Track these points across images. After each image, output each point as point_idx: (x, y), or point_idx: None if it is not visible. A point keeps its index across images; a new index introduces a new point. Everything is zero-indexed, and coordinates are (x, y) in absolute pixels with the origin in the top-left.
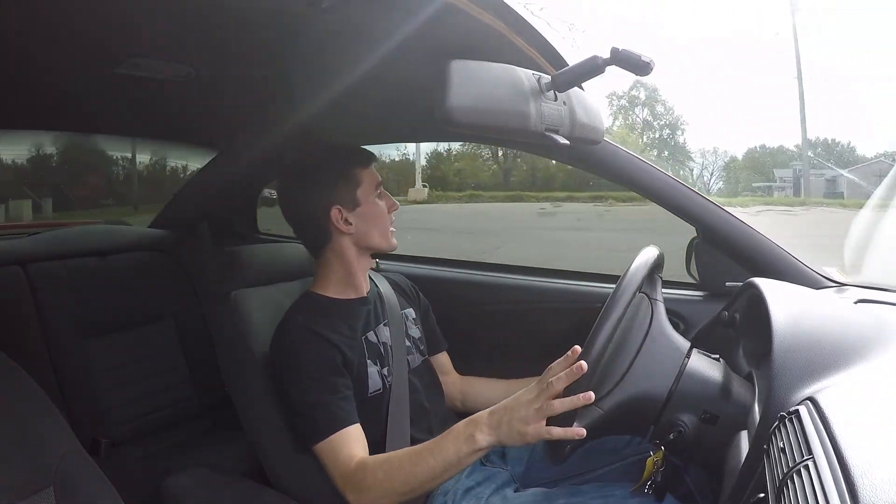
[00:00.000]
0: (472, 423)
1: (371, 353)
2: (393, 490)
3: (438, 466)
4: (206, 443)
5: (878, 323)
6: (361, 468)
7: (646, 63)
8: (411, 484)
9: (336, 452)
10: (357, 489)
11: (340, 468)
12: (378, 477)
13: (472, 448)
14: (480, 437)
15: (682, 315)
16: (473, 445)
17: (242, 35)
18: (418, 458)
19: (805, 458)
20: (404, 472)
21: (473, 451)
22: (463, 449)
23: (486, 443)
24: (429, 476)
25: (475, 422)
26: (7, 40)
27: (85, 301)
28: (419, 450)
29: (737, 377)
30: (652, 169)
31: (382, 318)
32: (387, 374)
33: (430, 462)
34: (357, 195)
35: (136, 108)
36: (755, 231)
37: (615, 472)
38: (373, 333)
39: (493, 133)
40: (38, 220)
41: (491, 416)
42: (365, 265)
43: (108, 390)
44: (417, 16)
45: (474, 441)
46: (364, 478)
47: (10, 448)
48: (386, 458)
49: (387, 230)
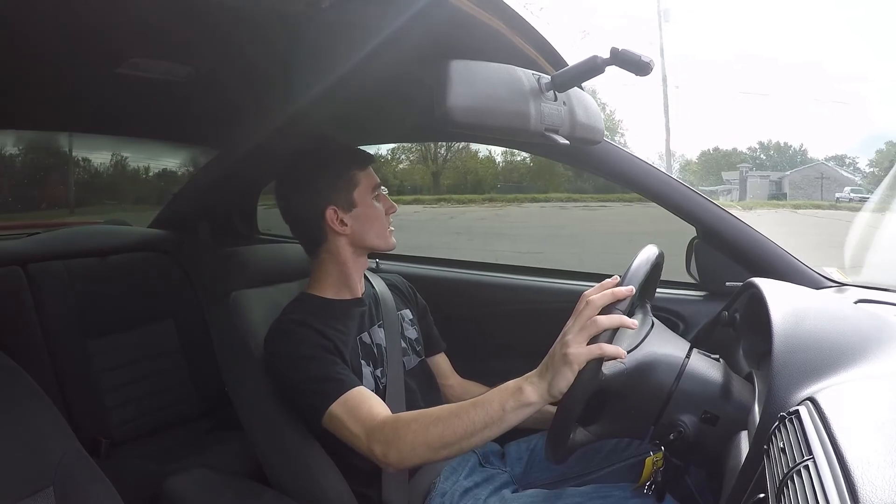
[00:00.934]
0: (522, 379)
1: (365, 355)
2: (427, 444)
3: (479, 421)
4: (206, 443)
5: (878, 323)
6: (393, 421)
7: (646, 63)
8: (447, 438)
9: (355, 410)
10: (386, 441)
11: (364, 423)
12: (412, 428)
13: (518, 402)
14: (529, 389)
15: (682, 315)
16: (521, 398)
17: (242, 35)
18: (460, 410)
19: (805, 459)
20: (442, 424)
21: (520, 405)
22: (509, 403)
23: (536, 395)
24: (467, 431)
25: (525, 377)
26: (8, 40)
27: (85, 301)
28: (462, 404)
29: (737, 377)
30: (652, 169)
31: (377, 319)
32: (380, 376)
33: (471, 415)
34: (353, 196)
35: (136, 108)
36: (755, 231)
37: (615, 473)
38: (367, 335)
39: (492, 133)
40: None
41: (539, 368)
42: (360, 266)
43: (108, 390)
44: (417, 16)
45: (522, 394)
46: (396, 429)
47: (10, 448)
48: (421, 412)
49: (383, 231)
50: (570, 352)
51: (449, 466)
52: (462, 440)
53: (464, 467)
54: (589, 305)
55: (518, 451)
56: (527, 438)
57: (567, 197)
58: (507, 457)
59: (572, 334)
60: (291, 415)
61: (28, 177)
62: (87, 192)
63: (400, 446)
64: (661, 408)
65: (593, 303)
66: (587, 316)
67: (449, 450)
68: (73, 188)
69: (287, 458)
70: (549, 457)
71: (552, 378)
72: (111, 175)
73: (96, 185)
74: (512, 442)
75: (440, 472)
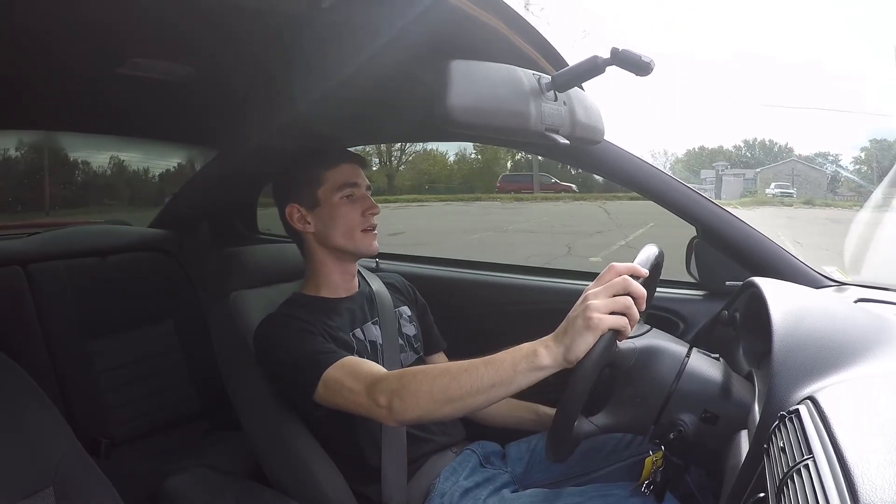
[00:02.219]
0: (538, 342)
1: (359, 350)
2: (431, 395)
3: (487, 379)
4: (206, 443)
5: (878, 322)
6: (397, 374)
7: (646, 63)
8: (452, 392)
9: (354, 370)
10: (390, 391)
11: (365, 379)
12: (418, 378)
13: (531, 364)
14: (543, 352)
15: (682, 315)
16: (534, 361)
17: (242, 35)
18: (469, 366)
19: (805, 458)
20: (448, 376)
21: (533, 367)
22: (522, 364)
23: (550, 359)
24: (474, 387)
25: (541, 340)
26: (9, 40)
27: (85, 301)
28: (472, 361)
29: (737, 377)
30: (652, 169)
31: (371, 316)
32: None
33: (480, 372)
34: (317, 194)
35: (136, 108)
36: (755, 231)
37: (615, 472)
38: (360, 331)
39: (492, 133)
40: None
41: (556, 332)
42: (342, 266)
43: (108, 390)
44: (417, 16)
45: (535, 356)
46: (400, 379)
47: (10, 448)
48: (428, 367)
49: (351, 231)
50: (594, 315)
51: (449, 467)
52: (467, 396)
53: (464, 468)
54: (612, 270)
55: (519, 452)
56: (527, 439)
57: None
58: (508, 457)
59: (599, 299)
60: (291, 415)
61: (28, 177)
62: (87, 192)
63: (404, 395)
64: (663, 401)
65: (617, 268)
66: (611, 279)
67: (452, 406)
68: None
69: (287, 458)
70: (550, 453)
71: (571, 342)
72: (111, 175)
73: (96, 185)
74: (513, 442)
75: (440, 473)
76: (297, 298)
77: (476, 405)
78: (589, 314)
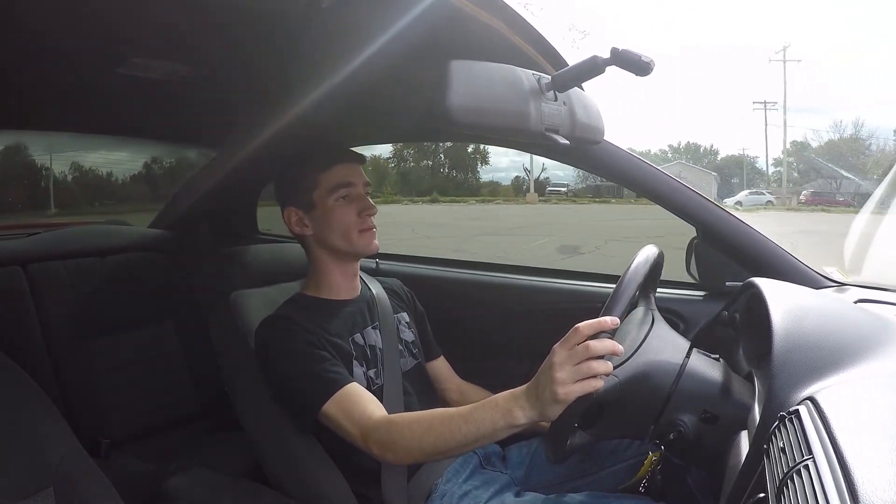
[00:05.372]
0: (513, 399)
1: (358, 355)
2: (422, 450)
3: (471, 435)
4: (206, 443)
5: (878, 323)
6: (388, 423)
7: (646, 63)
8: (441, 448)
9: (348, 410)
10: (382, 444)
11: (359, 424)
12: (409, 434)
13: (509, 423)
14: (519, 414)
15: (682, 315)
16: (511, 421)
17: (242, 35)
18: (451, 422)
19: (805, 458)
20: (435, 433)
21: (510, 426)
22: (500, 423)
23: (526, 419)
24: (461, 442)
25: (515, 397)
26: (9, 40)
27: (85, 301)
28: (453, 414)
29: (737, 377)
30: (652, 169)
31: (371, 320)
32: (374, 377)
33: (462, 430)
34: (313, 197)
35: (136, 108)
36: (755, 231)
37: (615, 473)
38: (360, 335)
39: (492, 133)
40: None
41: (528, 391)
42: (343, 266)
43: (108, 390)
44: (417, 16)
45: (513, 417)
46: (390, 432)
47: (10, 448)
48: (417, 418)
49: (348, 232)
50: (559, 390)
51: (451, 468)
52: (456, 449)
53: (465, 469)
54: (577, 333)
55: (519, 455)
56: (528, 442)
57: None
58: (509, 460)
59: (564, 371)
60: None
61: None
62: (87, 191)
63: (396, 449)
64: (659, 409)
65: (581, 331)
66: (574, 342)
67: (444, 455)
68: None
69: (287, 458)
70: (550, 457)
71: (542, 409)
72: (111, 175)
73: (96, 185)
74: (513, 445)
75: (441, 474)
76: (298, 299)
77: (465, 452)
78: (555, 388)
